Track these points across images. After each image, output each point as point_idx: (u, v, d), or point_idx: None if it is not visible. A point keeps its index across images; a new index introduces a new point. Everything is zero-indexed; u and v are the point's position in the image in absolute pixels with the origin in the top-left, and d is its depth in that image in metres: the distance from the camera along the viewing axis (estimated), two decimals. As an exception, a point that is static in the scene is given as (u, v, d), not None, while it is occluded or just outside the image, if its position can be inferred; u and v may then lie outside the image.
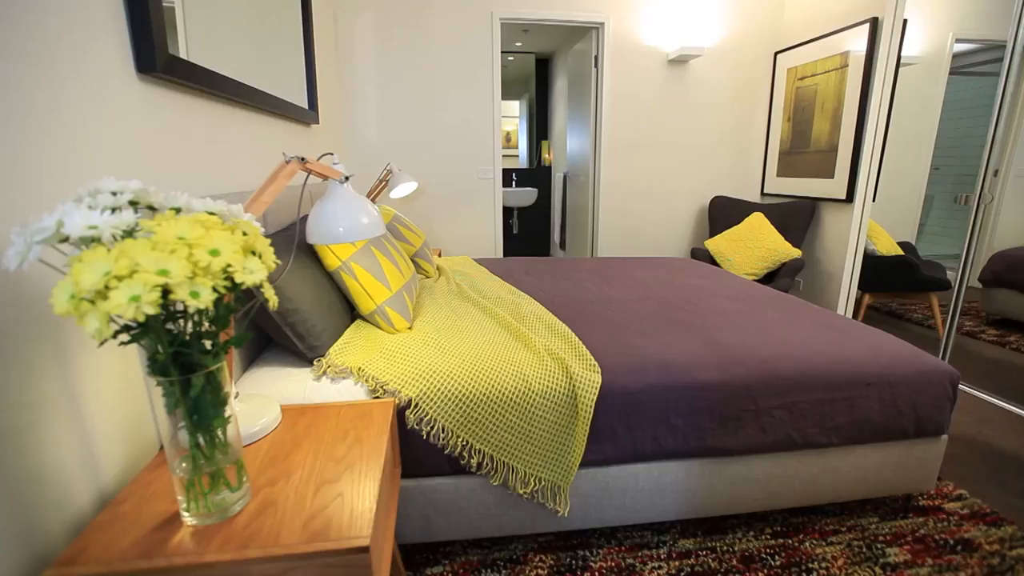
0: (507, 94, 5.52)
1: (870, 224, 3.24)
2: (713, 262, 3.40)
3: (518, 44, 5.24)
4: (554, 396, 1.23)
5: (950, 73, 3.86)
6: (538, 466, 1.24)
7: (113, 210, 0.62)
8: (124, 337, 0.60)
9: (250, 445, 0.94)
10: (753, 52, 3.58)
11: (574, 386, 1.23)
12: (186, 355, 0.66)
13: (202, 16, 1.40)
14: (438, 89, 3.30)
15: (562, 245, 5.15)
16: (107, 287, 0.55)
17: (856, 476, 1.44)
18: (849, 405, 1.36)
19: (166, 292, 0.58)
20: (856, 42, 2.86)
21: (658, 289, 2.07)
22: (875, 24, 2.75)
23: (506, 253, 5.61)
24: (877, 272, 3.24)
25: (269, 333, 1.29)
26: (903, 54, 3.12)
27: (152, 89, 1.07)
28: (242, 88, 1.51)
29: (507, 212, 5.60)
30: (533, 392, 1.23)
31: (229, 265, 0.62)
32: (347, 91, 3.18)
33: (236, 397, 0.99)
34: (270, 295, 0.70)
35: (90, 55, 0.88)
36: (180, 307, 0.63)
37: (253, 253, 0.70)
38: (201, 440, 0.72)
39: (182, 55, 1.29)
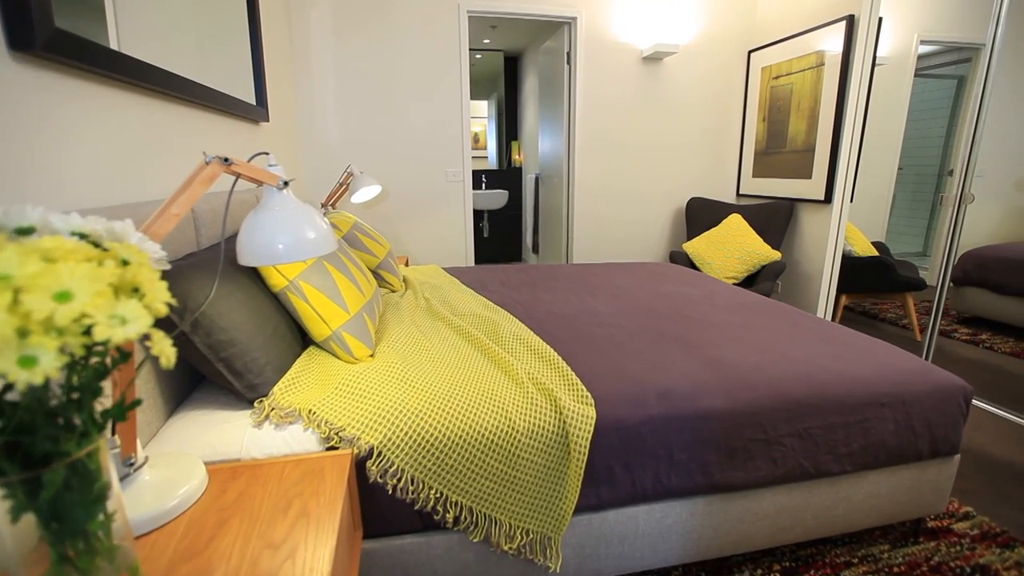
0: (475, 93, 5.33)
1: (847, 225, 3.21)
2: (692, 265, 3.30)
3: (486, 41, 5.07)
4: (542, 435, 1.06)
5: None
6: (525, 517, 1.06)
7: (-99, 236, 0.41)
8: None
9: (162, 528, 0.73)
10: (727, 50, 3.50)
11: (565, 423, 1.07)
12: (30, 443, 0.46)
13: (136, 2, 1.21)
14: (402, 86, 3.09)
15: (535, 248, 4.99)
16: None
17: (869, 504, 1.32)
18: (863, 428, 1.24)
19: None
20: (832, 40, 2.81)
21: (645, 299, 1.92)
22: (851, 22, 2.69)
23: (476, 258, 5.43)
24: (854, 273, 3.20)
25: (199, 369, 1.08)
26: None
27: (32, 72, 0.85)
28: (169, 77, 1.29)
29: (477, 215, 5.41)
30: (517, 432, 1.05)
31: (85, 314, 0.42)
32: (302, 87, 2.94)
33: (143, 464, 0.77)
34: (162, 351, 0.50)
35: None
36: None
37: (135, 291, 0.50)
38: (71, 550, 0.52)
39: (112, 44, 1.09)
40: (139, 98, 1.20)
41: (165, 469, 0.82)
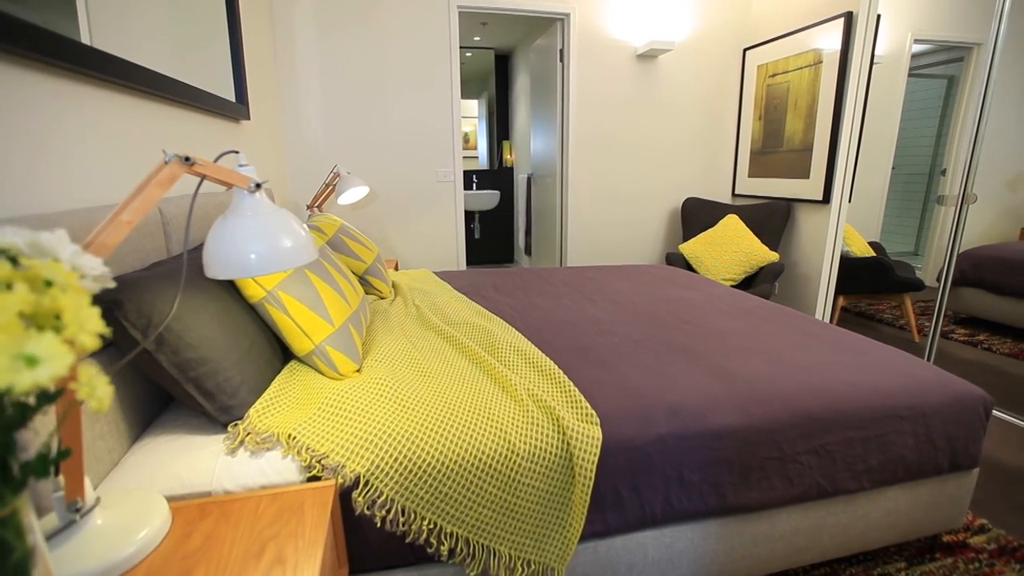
0: (466, 92, 5.24)
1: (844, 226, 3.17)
2: (689, 267, 3.24)
3: (476, 39, 4.98)
4: (544, 459, 0.98)
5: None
6: (527, 547, 0.98)
7: None
8: None
9: (113, 582, 0.64)
10: (723, 48, 3.44)
11: (569, 444, 0.98)
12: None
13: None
14: (391, 84, 2.99)
15: (527, 250, 4.91)
16: None
17: (887, 521, 1.25)
18: (882, 443, 1.17)
19: None
20: (830, 37, 2.75)
21: (645, 304, 1.85)
22: (850, 18, 2.64)
23: (468, 260, 5.33)
24: (851, 274, 3.16)
25: (167, 391, 0.98)
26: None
27: (-34, 60, 0.75)
28: (135, 70, 1.19)
29: (468, 216, 5.31)
30: (518, 455, 0.97)
31: (-22, 357, 0.33)
32: (286, 84, 2.83)
33: (94, 507, 0.68)
34: (91, 394, 0.41)
35: None
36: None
37: (58, 319, 0.41)
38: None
39: (84, 39, 1.03)
40: (101, 92, 1.10)
41: (121, 510, 0.72)
